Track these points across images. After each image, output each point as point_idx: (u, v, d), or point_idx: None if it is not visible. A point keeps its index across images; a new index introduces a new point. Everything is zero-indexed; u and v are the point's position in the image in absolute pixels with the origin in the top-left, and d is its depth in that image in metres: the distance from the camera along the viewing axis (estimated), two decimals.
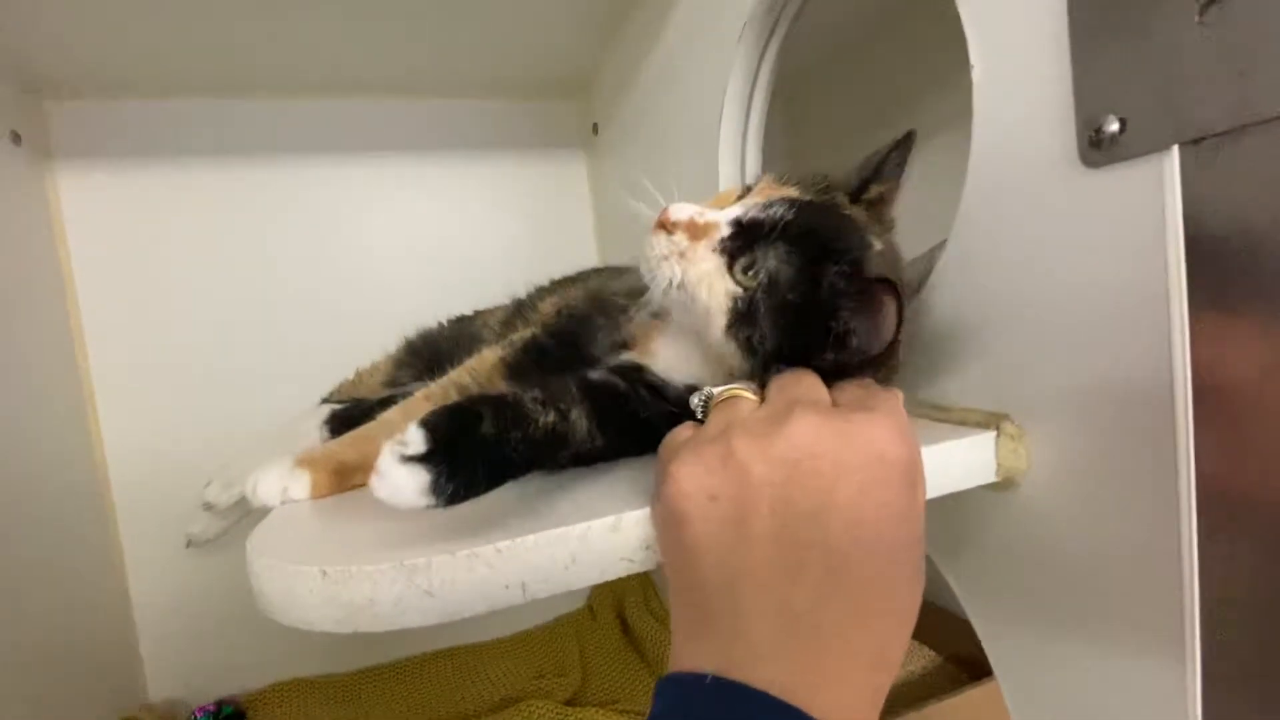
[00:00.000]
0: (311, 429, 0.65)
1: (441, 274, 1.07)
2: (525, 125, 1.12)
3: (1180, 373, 0.30)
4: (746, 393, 0.33)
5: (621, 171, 1.03)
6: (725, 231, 0.37)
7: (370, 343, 0.83)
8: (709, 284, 0.36)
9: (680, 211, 0.37)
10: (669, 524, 0.29)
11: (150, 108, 0.93)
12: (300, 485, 0.37)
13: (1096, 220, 0.32)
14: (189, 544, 0.79)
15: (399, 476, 0.29)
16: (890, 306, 0.32)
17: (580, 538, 0.30)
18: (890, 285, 0.32)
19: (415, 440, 0.30)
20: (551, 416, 0.35)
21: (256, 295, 0.99)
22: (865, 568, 0.27)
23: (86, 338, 0.91)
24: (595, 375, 0.42)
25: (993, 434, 0.38)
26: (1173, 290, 0.29)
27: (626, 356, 0.44)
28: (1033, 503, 0.38)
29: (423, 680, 0.97)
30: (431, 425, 0.31)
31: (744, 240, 0.36)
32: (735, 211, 0.37)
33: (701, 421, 0.34)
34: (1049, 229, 0.35)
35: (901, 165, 0.42)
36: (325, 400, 0.85)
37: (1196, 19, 0.27)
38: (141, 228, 0.94)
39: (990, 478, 0.38)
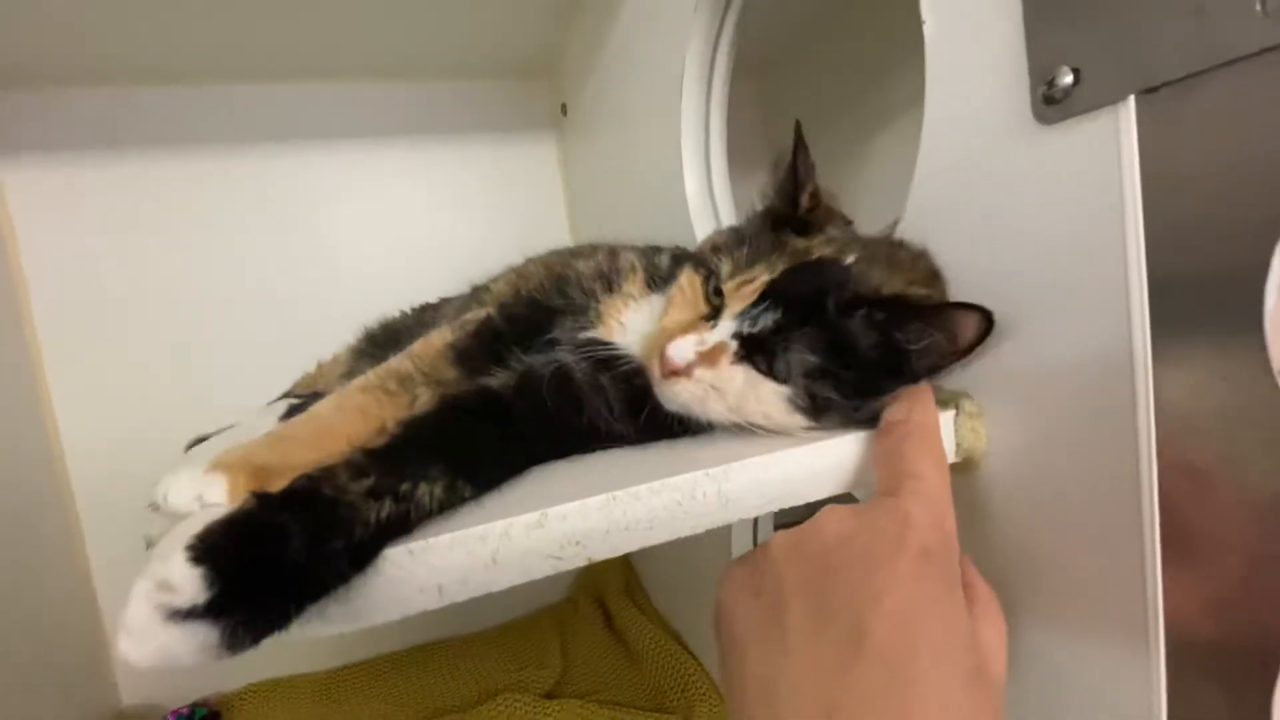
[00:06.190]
0: (269, 426, 0.62)
1: (410, 260, 1.04)
2: (494, 107, 1.09)
3: (1140, 340, 0.28)
4: None
5: (590, 152, 1.00)
6: (734, 345, 0.36)
7: (336, 333, 0.80)
8: (754, 395, 0.36)
9: (683, 352, 0.36)
10: (720, 621, 0.31)
11: (99, 96, 0.89)
12: (216, 490, 0.34)
13: (1051, 182, 0.30)
14: (148, 546, 0.76)
15: (167, 641, 0.22)
16: (967, 317, 0.33)
17: (502, 535, 0.28)
18: (961, 305, 0.33)
19: (188, 583, 0.22)
20: (387, 509, 0.27)
21: (218, 287, 0.96)
22: (907, 662, 0.25)
23: (41, 337, 0.88)
24: (540, 362, 0.40)
25: (951, 413, 0.36)
26: (1130, 250, 0.27)
27: (589, 334, 0.42)
28: (993, 485, 0.36)
29: (400, 677, 0.96)
30: (212, 557, 0.23)
31: (755, 346, 0.36)
32: (731, 327, 0.36)
33: None
34: (1002, 194, 0.33)
35: (807, 155, 0.41)
36: (286, 394, 0.83)
37: None
38: (95, 221, 0.90)
39: (950, 459, 0.36)
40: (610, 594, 1.05)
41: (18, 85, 0.85)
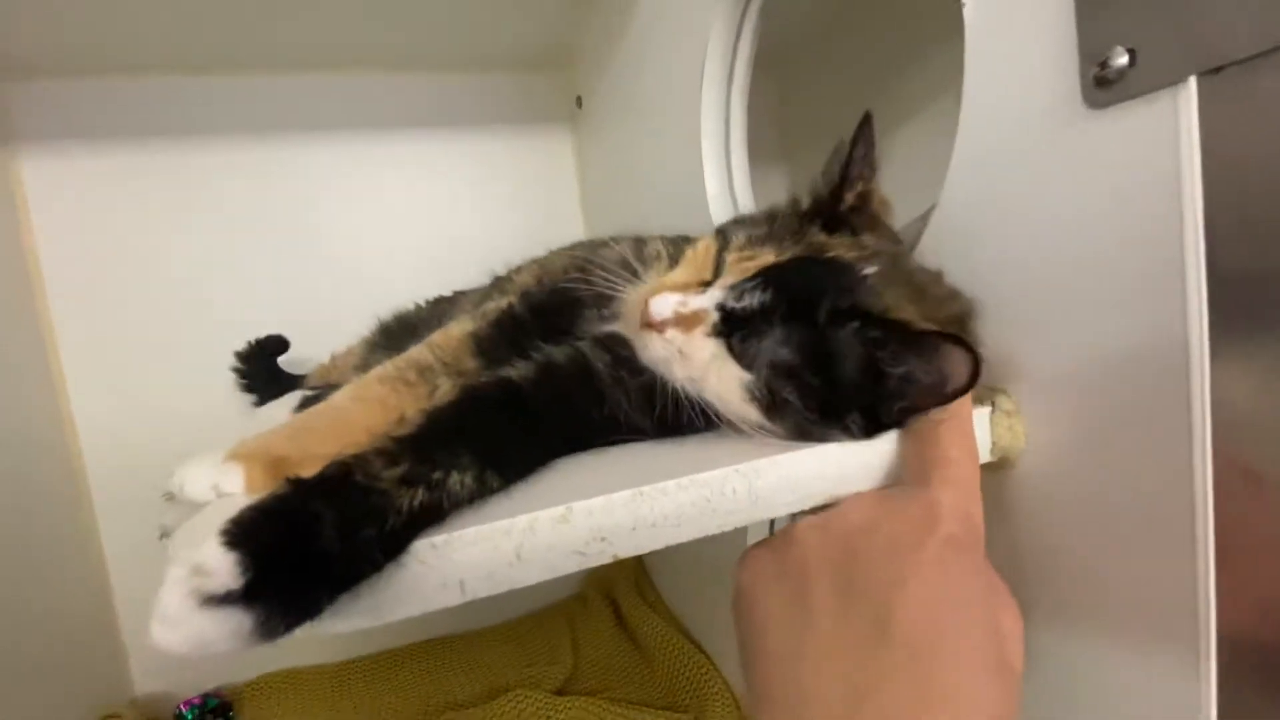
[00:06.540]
0: (283, 417, 0.62)
1: (424, 254, 1.03)
2: (508, 100, 1.08)
3: (1196, 336, 0.26)
4: None
5: (606, 146, 0.99)
6: (715, 316, 0.35)
7: (350, 325, 0.80)
8: (717, 373, 0.34)
9: (663, 307, 0.35)
10: (740, 604, 0.31)
11: (116, 86, 0.89)
12: (232, 480, 0.34)
13: (1102, 168, 0.29)
14: (162, 536, 0.76)
15: (201, 626, 0.22)
16: (954, 354, 0.29)
17: (526, 530, 0.27)
18: (948, 336, 0.30)
19: (222, 568, 0.22)
20: (420, 496, 0.27)
21: (232, 277, 0.96)
22: (933, 646, 0.25)
23: (56, 325, 0.88)
24: (561, 354, 0.39)
25: (987, 410, 0.35)
26: (1188, 242, 0.26)
27: (611, 327, 0.41)
28: (1030, 484, 0.35)
29: (412, 670, 0.96)
30: (246, 542, 0.23)
31: (734, 323, 0.34)
32: (717, 297, 0.35)
33: None
34: (1048, 182, 0.31)
35: (869, 152, 0.39)
36: (301, 387, 0.83)
37: None
38: (110, 210, 0.90)
39: (985, 457, 0.35)
40: (621, 591, 1.04)
41: (31, 76, 0.85)
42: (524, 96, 1.09)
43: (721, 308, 0.34)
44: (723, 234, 0.39)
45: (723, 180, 0.68)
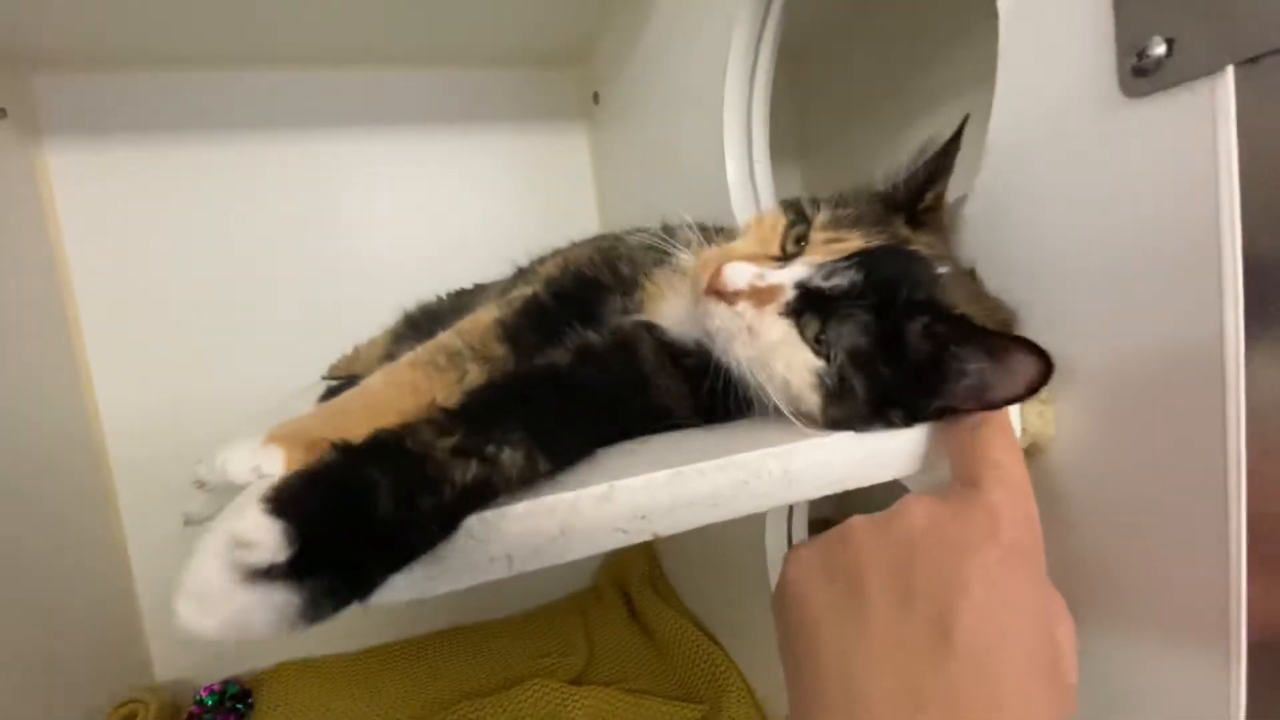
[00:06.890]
0: (307, 406, 0.63)
1: (441, 248, 1.05)
2: (525, 95, 1.09)
3: (1232, 326, 0.27)
4: None
5: (623, 141, 1.00)
6: (791, 294, 0.34)
7: (368, 316, 0.81)
8: (785, 356, 0.33)
9: (738, 276, 0.34)
10: (786, 606, 0.30)
11: (141, 81, 0.91)
12: (273, 461, 0.34)
13: (1138, 158, 0.29)
14: (186, 523, 0.77)
15: (243, 605, 0.19)
16: (1026, 360, 0.29)
17: (571, 507, 0.28)
18: (1024, 341, 0.30)
19: (267, 539, 0.20)
20: (473, 470, 0.25)
21: (254, 270, 0.97)
22: (993, 653, 0.25)
23: (81, 315, 0.90)
24: (596, 340, 0.39)
25: None
26: (1224, 232, 0.26)
27: (637, 317, 0.41)
28: (1060, 471, 0.35)
29: (429, 660, 0.97)
30: (292, 511, 0.21)
31: (811, 304, 0.33)
32: (800, 274, 0.34)
33: None
34: (1083, 171, 0.32)
35: (953, 158, 0.39)
36: (325, 377, 0.84)
37: None
38: (135, 202, 0.92)
39: None
40: (634, 584, 1.05)
41: (59, 69, 0.86)
42: (540, 92, 1.09)
43: (803, 286, 0.33)
44: (793, 209, 0.38)
45: (744, 174, 0.69)
